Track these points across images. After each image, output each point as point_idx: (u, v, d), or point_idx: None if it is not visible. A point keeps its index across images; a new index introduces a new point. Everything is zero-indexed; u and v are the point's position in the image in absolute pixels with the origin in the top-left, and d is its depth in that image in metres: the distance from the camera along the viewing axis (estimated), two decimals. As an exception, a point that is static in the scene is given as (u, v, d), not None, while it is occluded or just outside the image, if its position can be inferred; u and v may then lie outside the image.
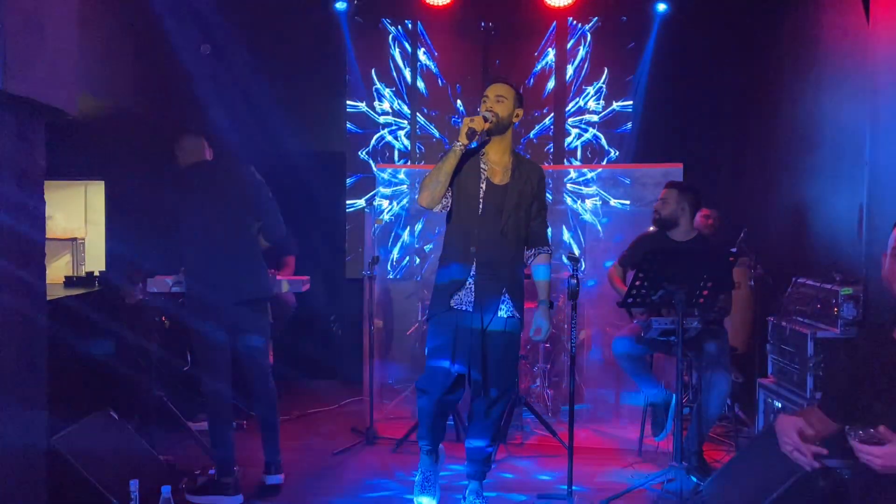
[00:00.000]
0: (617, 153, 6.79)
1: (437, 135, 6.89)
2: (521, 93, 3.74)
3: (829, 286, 4.33)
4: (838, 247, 4.83)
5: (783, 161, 5.72)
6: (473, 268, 3.60)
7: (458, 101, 6.89)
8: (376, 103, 6.91)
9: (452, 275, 3.65)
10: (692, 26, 6.43)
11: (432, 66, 6.89)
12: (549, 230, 3.89)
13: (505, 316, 3.66)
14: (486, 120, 3.53)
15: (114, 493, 3.46)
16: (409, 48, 6.89)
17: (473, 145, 3.67)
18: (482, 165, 3.66)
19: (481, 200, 3.62)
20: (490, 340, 3.66)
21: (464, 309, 3.62)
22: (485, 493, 3.83)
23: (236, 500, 3.97)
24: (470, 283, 3.61)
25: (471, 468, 3.81)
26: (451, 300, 3.62)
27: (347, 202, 6.92)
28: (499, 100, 3.62)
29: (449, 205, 3.67)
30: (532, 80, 6.89)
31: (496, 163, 3.69)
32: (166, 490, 2.66)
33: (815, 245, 5.16)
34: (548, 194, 6.24)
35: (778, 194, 5.79)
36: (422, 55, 6.89)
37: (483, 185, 3.63)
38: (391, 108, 6.92)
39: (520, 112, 3.72)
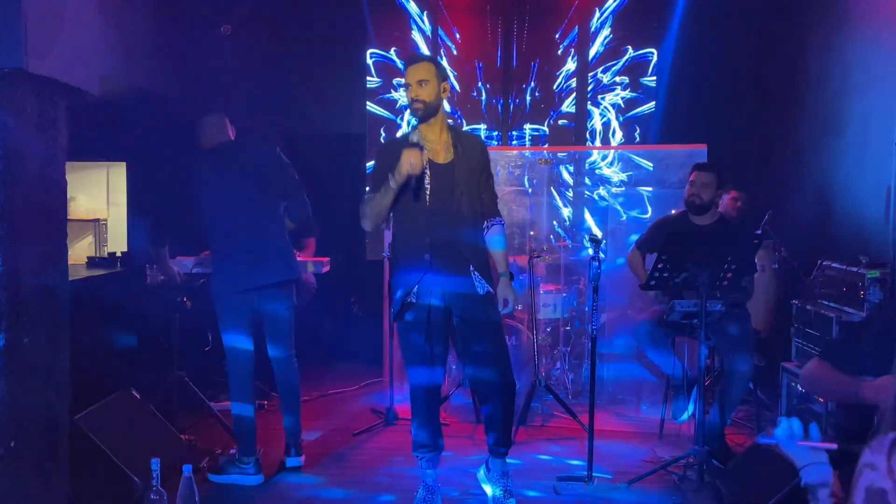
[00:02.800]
0: (638, 134, 6.71)
1: (458, 115, 6.86)
2: (440, 64, 3.62)
3: (855, 269, 4.27)
4: (865, 229, 4.76)
5: (809, 141, 5.64)
6: (429, 257, 3.52)
7: (480, 82, 6.84)
8: (396, 80, 6.87)
9: (406, 268, 3.58)
10: (717, 4, 6.33)
11: (452, 46, 6.83)
12: (573, 212, 3.84)
13: (481, 293, 3.58)
14: (422, 152, 3.44)
15: (135, 471, 3.49)
16: (429, 26, 6.83)
17: (412, 126, 3.66)
18: (423, 151, 3.54)
19: (428, 186, 3.54)
20: (467, 323, 3.60)
21: (417, 301, 3.56)
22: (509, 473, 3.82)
23: (257, 480, 3.99)
24: (422, 276, 3.53)
25: (490, 449, 3.79)
26: (406, 295, 3.57)
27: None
28: (421, 84, 3.50)
29: (391, 224, 3.64)
30: (554, 59, 6.82)
31: (435, 142, 3.60)
32: (187, 469, 2.67)
33: (841, 227, 5.08)
34: (570, 177, 6.24)
35: (803, 175, 5.71)
36: (442, 34, 6.84)
37: (427, 170, 3.54)
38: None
39: (446, 86, 3.60)
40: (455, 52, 6.84)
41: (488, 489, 3.76)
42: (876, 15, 4.77)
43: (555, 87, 6.79)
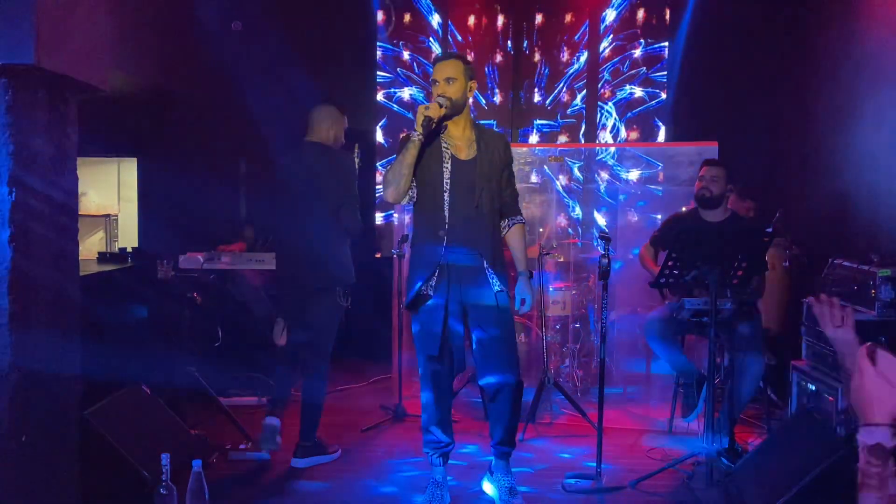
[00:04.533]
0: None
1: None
2: (470, 63, 3.62)
3: (866, 267, 4.24)
4: (877, 227, 4.73)
5: (820, 139, 5.60)
6: (443, 250, 3.52)
7: (489, 77, 6.83)
8: (402, 69, 6.86)
9: (422, 260, 3.60)
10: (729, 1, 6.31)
11: (461, 40, 6.82)
12: (583, 210, 3.82)
13: (495, 290, 3.58)
14: (441, 106, 3.46)
15: (145, 466, 3.50)
16: (439, 20, 6.81)
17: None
18: (444, 145, 3.58)
19: (447, 181, 3.54)
20: (479, 321, 3.59)
21: (432, 294, 3.57)
22: (513, 471, 3.81)
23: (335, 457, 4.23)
24: (438, 268, 3.54)
25: (494, 450, 3.79)
26: (422, 286, 3.58)
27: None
28: (449, 82, 3.51)
29: (415, 196, 3.60)
30: (564, 55, 6.79)
31: (458, 138, 3.61)
32: (197, 464, 2.68)
33: (853, 225, 5.06)
34: (580, 174, 6.23)
35: (815, 173, 5.68)
36: (452, 28, 6.82)
37: (448, 165, 3.55)
38: (416, 78, 6.86)
39: (473, 85, 3.61)
40: (465, 47, 6.82)
41: (492, 490, 3.75)
42: (889, 11, 4.74)
43: (564, 82, 6.77)
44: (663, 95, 6.66)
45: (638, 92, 6.72)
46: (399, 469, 4.16)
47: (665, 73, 6.67)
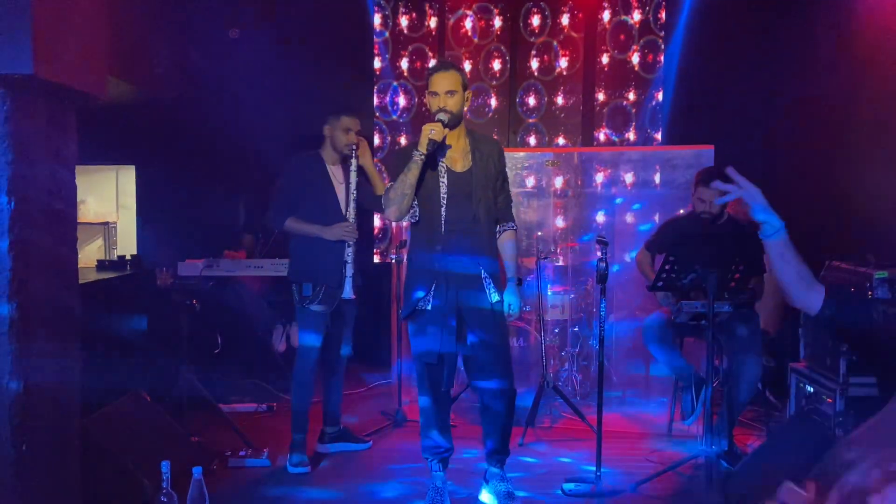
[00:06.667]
0: (654, 135, 6.70)
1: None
2: (465, 74, 3.62)
3: (863, 269, 4.25)
4: (873, 229, 4.74)
5: (818, 140, 5.61)
6: (440, 264, 3.52)
7: (486, 82, 6.84)
8: (404, 76, 6.87)
9: (420, 275, 3.60)
10: (724, 3, 6.31)
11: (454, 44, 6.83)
12: (580, 214, 3.81)
13: (492, 301, 3.59)
14: (444, 125, 3.44)
15: (145, 473, 3.51)
16: (435, 24, 6.82)
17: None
18: (440, 158, 3.57)
19: (444, 196, 3.54)
20: (474, 328, 3.60)
21: (427, 308, 3.56)
22: (511, 477, 3.82)
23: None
24: (434, 283, 3.54)
25: (489, 457, 3.80)
26: (418, 301, 3.57)
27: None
28: (449, 94, 3.49)
29: (417, 214, 3.59)
30: (562, 56, 6.80)
31: (455, 150, 3.61)
32: (197, 471, 2.69)
33: (850, 227, 5.07)
34: (576, 178, 6.22)
35: (812, 174, 5.69)
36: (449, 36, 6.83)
37: (444, 178, 3.55)
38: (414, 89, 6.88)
39: (469, 95, 3.61)
40: (461, 52, 6.83)
41: (490, 498, 3.75)
42: (886, 14, 4.75)
43: (562, 86, 6.77)
44: (659, 98, 6.67)
45: (634, 95, 6.72)
46: (399, 475, 4.17)
47: (662, 76, 6.67)
